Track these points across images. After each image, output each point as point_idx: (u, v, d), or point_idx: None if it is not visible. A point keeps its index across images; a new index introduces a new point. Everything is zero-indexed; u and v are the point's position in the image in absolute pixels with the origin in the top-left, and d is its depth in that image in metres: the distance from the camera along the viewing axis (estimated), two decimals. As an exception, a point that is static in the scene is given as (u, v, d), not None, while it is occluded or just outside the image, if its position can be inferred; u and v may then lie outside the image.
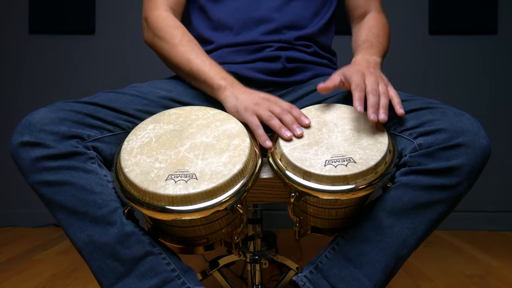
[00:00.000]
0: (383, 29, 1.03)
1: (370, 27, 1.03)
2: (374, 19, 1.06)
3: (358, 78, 0.78)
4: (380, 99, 0.76)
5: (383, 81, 0.80)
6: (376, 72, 0.82)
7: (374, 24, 1.04)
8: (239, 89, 0.85)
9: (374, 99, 0.75)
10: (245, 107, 0.81)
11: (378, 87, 0.77)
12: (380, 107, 0.75)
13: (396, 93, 0.78)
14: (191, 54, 0.91)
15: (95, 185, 0.73)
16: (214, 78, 0.87)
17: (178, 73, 0.97)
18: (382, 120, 0.74)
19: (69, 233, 0.74)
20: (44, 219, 2.18)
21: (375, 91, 0.76)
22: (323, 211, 0.80)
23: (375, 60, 0.90)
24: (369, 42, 0.97)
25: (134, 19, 2.24)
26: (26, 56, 2.30)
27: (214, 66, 0.89)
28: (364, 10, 1.08)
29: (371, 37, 0.99)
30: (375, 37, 0.99)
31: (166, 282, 0.74)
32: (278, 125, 0.78)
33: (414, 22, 2.24)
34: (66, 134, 0.73)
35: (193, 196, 0.67)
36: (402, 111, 0.75)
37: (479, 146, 0.71)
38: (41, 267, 1.61)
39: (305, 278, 0.80)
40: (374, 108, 0.74)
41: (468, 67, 2.26)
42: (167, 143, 0.76)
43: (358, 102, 0.75)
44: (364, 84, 0.77)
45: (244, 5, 0.98)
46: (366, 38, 1.00)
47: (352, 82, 0.78)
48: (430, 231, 0.76)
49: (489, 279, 1.49)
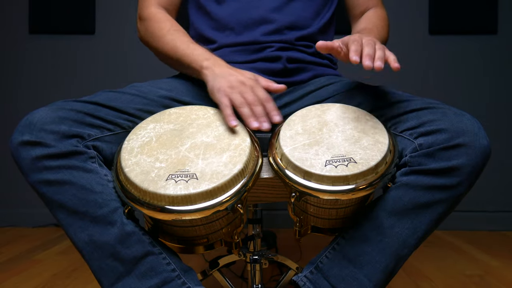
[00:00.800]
0: (382, 20, 1.04)
1: (369, 18, 1.05)
2: (373, 12, 1.07)
3: (355, 37, 0.78)
4: (376, 52, 0.73)
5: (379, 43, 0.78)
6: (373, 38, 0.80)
7: (373, 15, 1.05)
8: (219, 70, 0.84)
9: (370, 50, 0.73)
10: (218, 88, 0.81)
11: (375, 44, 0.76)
12: (376, 57, 0.72)
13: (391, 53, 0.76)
14: (176, 42, 0.92)
15: (95, 184, 0.73)
16: (197, 60, 0.87)
17: (169, 63, 0.98)
18: (377, 66, 0.71)
19: (70, 233, 0.74)
20: (44, 219, 2.18)
21: (371, 45, 0.74)
22: (324, 211, 0.80)
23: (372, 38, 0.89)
24: (367, 30, 0.98)
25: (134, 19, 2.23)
26: (26, 56, 2.30)
27: (198, 49, 0.90)
28: (364, 7, 1.09)
29: (370, 26, 1.00)
30: (374, 26, 1.00)
31: (166, 282, 0.74)
32: (247, 113, 0.78)
33: (414, 22, 2.24)
34: (66, 133, 0.73)
35: (194, 196, 0.67)
36: (398, 65, 0.72)
37: (479, 146, 0.71)
38: (41, 267, 1.61)
39: (305, 278, 0.80)
40: (369, 56, 0.72)
41: (468, 67, 2.26)
42: (167, 142, 0.76)
43: (354, 53, 0.73)
44: (361, 40, 0.76)
45: (245, 5, 0.98)
46: (365, 27, 1.01)
47: (349, 39, 0.77)
48: (430, 231, 0.76)
49: (489, 279, 1.49)
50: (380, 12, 1.08)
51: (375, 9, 1.08)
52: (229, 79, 0.82)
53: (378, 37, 0.94)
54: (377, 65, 0.71)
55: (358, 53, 0.73)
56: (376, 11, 1.08)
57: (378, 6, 1.09)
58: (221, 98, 0.80)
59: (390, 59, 0.73)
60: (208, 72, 0.85)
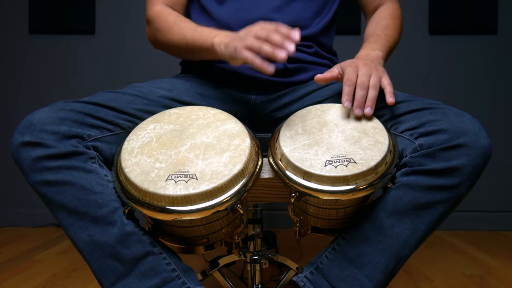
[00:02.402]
0: (393, 19, 1.03)
1: (379, 20, 1.04)
2: (385, 10, 1.06)
3: (350, 71, 0.80)
4: (368, 92, 0.78)
5: (376, 72, 0.80)
6: (372, 64, 0.82)
7: (384, 16, 1.04)
8: (228, 38, 0.82)
9: (361, 93, 0.78)
10: (235, 48, 0.78)
11: (369, 79, 0.78)
12: (366, 101, 0.78)
13: (389, 83, 0.79)
14: (183, 30, 0.92)
15: (95, 185, 0.73)
16: (206, 39, 0.86)
17: (181, 55, 0.98)
18: (367, 113, 0.77)
19: (70, 233, 0.74)
20: (44, 219, 2.18)
21: (363, 85, 0.78)
22: (324, 211, 0.79)
23: (377, 54, 0.90)
24: (375, 36, 0.98)
25: (134, 19, 2.24)
26: (26, 56, 2.30)
27: (205, 30, 0.88)
28: (377, 3, 1.08)
29: (378, 31, 0.99)
30: (382, 29, 0.99)
31: (166, 282, 0.74)
32: (270, 50, 0.73)
33: (414, 22, 2.24)
34: (66, 134, 0.73)
35: (194, 196, 0.67)
36: (392, 100, 0.77)
37: (480, 147, 0.71)
38: (41, 267, 1.61)
39: (305, 279, 0.80)
40: (359, 102, 0.78)
41: (468, 67, 2.26)
42: (167, 143, 0.76)
43: (346, 97, 0.78)
44: (356, 78, 0.79)
45: (245, 5, 0.98)
46: (373, 32, 1.00)
47: (344, 76, 0.80)
48: (431, 231, 0.76)
49: (489, 279, 1.48)
50: (392, 8, 1.06)
51: (388, 4, 1.07)
52: (237, 36, 0.79)
53: (386, 43, 0.95)
54: (366, 112, 0.78)
55: (350, 97, 0.78)
56: (388, 8, 1.06)
57: (391, 1, 1.08)
58: (242, 54, 0.76)
59: (386, 91, 0.78)
60: (220, 45, 0.82)
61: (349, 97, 0.78)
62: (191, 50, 0.91)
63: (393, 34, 1.00)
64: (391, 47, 0.97)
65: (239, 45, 0.77)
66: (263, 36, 0.75)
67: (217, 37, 0.84)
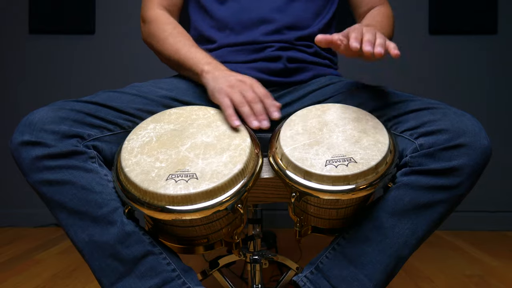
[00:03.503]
0: (387, 18, 1.03)
1: (373, 17, 1.04)
2: (378, 10, 1.07)
3: (355, 26, 0.78)
4: (376, 39, 0.73)
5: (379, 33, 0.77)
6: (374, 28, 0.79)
7: (377, 14, 1.05)
8: (219, 73, 0.85)
9: (370, 37, 0.72)
10: (219, 89, 0.82)
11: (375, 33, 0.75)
12: (376, 43, 0.71)
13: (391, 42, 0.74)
14: (178, 45, 0.93)
15: (95, 184, 0.73)
16: (198, 64, 0.89)
17: (170, 65, 0.99)
18: (377, 52, 0.70)
19: (70, 233, 0.74)
20: (44, 219, 2.18)
21: (371, 33, 0.74)
22: (324, 211, 0.79)
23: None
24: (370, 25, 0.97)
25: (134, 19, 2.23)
26: (26, 56, 2.30)
27: (199, 53, 0.91)
28: (369, 6, 1.08)
29: (373, 23, 0.99)
30: (377, 23, 1.00)
31: (166, 282, 0.74)
32: (247, 112, 0.79)
33: (414, 22, 2.24)
34: (66, 133, 0.73)
35: (194, 196, 0.67)
36: (397, 52, 0.71)
37: (480, 147, 0.71)
38: (41, 267, 1.61)
39: (305, 279, 0.79)
40: (369, 42, 0.71)
41: (468, 67, 2.26)
42: (167, 142, 0.76)
43: (354, 40, 0.72)
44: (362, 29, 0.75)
45: (245, 5, 0.98)
46: (368, 23, 1.00)
47: (349, 29, 0.77)
48: (431, 231, 0.76)
49: (489, 279, 1.48)
50: (384, 10, 1.07)
51: (380, 7, 1.08)
52: (229, 79, 0.83)
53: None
54: (377, 51, 0.70)
55: (358, 40, 0.72)
56: (380, 9, 1.07)
57: (383, 4, 1.08)
58: (222, 98, 0.81)
59: (390, 47, 0.72)
60: (209, 76, 0.86)
61: (357, 40, 0.72)
62: (180, 66, 0.94)
63: (387, 31, 1.00)
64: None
65: (224, 89, 0.81)
66: (248, 98, 0.79)
67: (208, 66, 0.87)
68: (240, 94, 0.80)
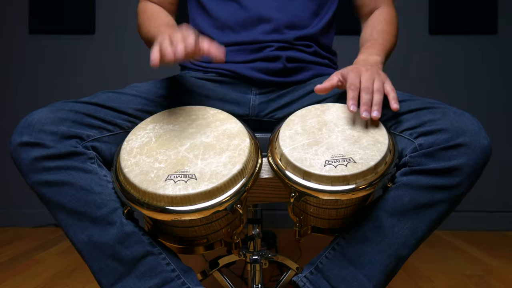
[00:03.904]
0: (390, 24, 1.03)
1: (375, 24, 1.03)
2: (381, 14, 1.05)
3: (353, 77, 0.79)
4: (374, 96, 0.76)
5: (379, 77, 0.80)
6: (373, 69, 0.82)
7: (380, 20, 1.04)
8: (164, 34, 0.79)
9: (367, 97, 0.76)
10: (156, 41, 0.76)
11: (373, 84, 0.77)
12: (373, 105, 0.76)
13: (392, 88, 0.78)
14: (150, 26, 0.96)
15: (94, 185, 0.73)
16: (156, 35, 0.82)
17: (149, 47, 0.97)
18: (374, 117, 0.75)
19: (69, 233, 0.74)
20: (44, 219, 2.18)
21: (368, 89, 0.77)
22: (323, 211, 0.79)
23: (376, 59, 0.90)
24: (372, 41, 0.97)
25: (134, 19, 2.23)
26: (26, 56, 2.30)
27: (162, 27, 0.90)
28: (372, 6, 1.07)
29: (375, 35, 0.99)
30: (379, 34, 0.99)
31: (166, 282, 0.74)
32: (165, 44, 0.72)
33: (414, 22, 2.24)
34: (65, 134, 0.73)
35: (193, 196, 0.67)
36: (397, 106, 0.75)
37: (479, 146, 0.71)
38: (41, 267, 1.61)
39: (305, 279, 0.79)
40: (366, 106, 0.75)
41: (468, 67, 2.26)
42: (166, 143, 0.76)
43: (352, 102, 0.76)
44: (359, 82, 0.78)
45: (244, 4, 0.98)
46: (370, 36, 1.00)
47: (347, 81, 0.79)
48: (431, 231, 0.76)
49: (489, 279, 1.48)
50: (387, 12, 1.06)
51: (383, 8, 1.06)
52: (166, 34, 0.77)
53: (382, 49, 0.95)
54: (374, 116, 0.75)
55: (355, 101, 0.76)
56: (383, 11, 1.06)
57: (386, 5, 1.07)
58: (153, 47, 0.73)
59: (389, 97, 0.77)
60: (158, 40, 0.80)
61: (354, 101, 0.76)
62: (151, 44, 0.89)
63: (390, 38, 0.99)
64: (388, 51, 0.97)
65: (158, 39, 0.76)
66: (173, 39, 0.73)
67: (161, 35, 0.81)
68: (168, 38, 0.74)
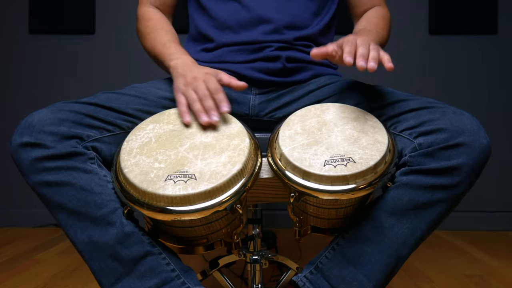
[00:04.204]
0: (383, 20, 1.03)
1: (369, 18, 1.04)
2: (376, 11, 1.06)
3: (349, 37, 0.78)
4: (370, 52, 0.73)
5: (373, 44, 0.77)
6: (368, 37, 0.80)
7: (374, 15, 1.04)
8: (182, 69, 0.87)
9: (364, 51, 0.73)
10: (176, 87, 0.85)
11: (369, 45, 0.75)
12: (369, 58, 0.71)
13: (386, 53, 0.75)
14: (156, 40, 0.97)
15: (94, 185, 0.73)
16: (167, 59, 0.92)
17: (153, 60, 1.00)
18: (371, 67, 0.70)
19: (69, 234, 0.74)
20: (44, 219, 2.18)
21: (365, 46, 0.74)
22: (323, 211, 0.79)
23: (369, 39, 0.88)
24: (366, 30, 0.97)
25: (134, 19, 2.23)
26: (26, 56, 2.30)
27: (172, 48, 0.93)
28: (366, 6, 1.08)
29: (369, 26, 0.99)
30: (373, 26, 0.99)
31: (166, 282, 0.74)
32: (197, 109, 0.80)
33: (414, 22, 2.24)
34: (65, 135, 0.73)
35: (193, 196, 0.67)
36: (391, 65, 0.71)
37: (479, 146, 0.71)
38: (41, 267, 1.61)
39: (305, 278, 0.80)
40: (363, 57, 0.71)
41: (468, 67, 2.26)
42: (166, 143, 0.76)
43: (348, 54, 0.72)
44: (356, 41, 0.75)
45: (244, 4, 0.98)
46: (364, 27, 1.00)
47: (344, 41, 0.77)
48: (430, 231, 0.76)
49: (489, 279, 1.48)
50: (381, 11, 1.06)
51: (377, 8, 1.07)
52: (185, 76, 0.85)
53: (377, 38, 0.94)
54: (370, 66, 0.70)
55: (352, 54, 0.73)
56: (377, 10, 1.06)
57: (380, 5, 1.08)
58: (178, 97, 0.83)
59: (384, 59, 0.73)
60: (173, 71, 0.89)
61: (351, 54, 0.73)
62: (157, 61, 0.97)
63: (383, 33, 0.99)
64: (381, 44, 0.96)
65: (180, 87, 0.84)
66: (199, 95, 0.81)
67: (175, 61, 0.90)
68: (193, 91, 0.82)
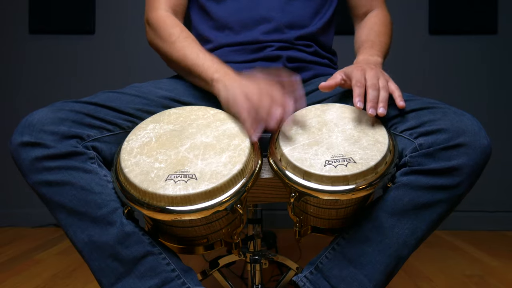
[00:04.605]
0: (385, 26, 1.04)
1: (371, 26, 1.04)
2: (376, 16, 1.07)
3: (358, 74, 0.79)
4: (380, 93, 0.77)
5: (383, 75, 0.80)
6: (377, 68, 0.82)
7: (375, 22, 1.05)
8: (230, 81, 0.81)
9: (374, 94, 0.76)
10: (234, 96, 0.79)
11: (378, 81, 0.78)
12: (379, 101, 0.76)
13: (397, 87, 0.79)
14: (186, 50, 0.90)
15: (95, 185, 0.73)
16: (207, 71, 0.85)
17: (178, 71, 0.97)
18: (380, 113, 0.75)
19: (69, 233, 0.74)
20: (44, 219, 2.18)
21: (374, 86, 0.77)
22: (323, 211, 0.79)
23: (376, 60, 0.91)
24: (370, 42, 0.98)
25: (134, 19, 2.24)
26: (26, 56, 2.30)
27: (208, 60, 0.87)
28: (366, 8, 1.08)
29: (372, 36, 1.00)
30: (376, 35, 1.00)
31: (166, 282, 0.74)
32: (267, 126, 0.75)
33: (414, 22, 2.24)
34: (66, 134, 0.73)
35: (193, 196, 0.67)
36: (403, 104, 0.76)
37: (479, 146, 0.71)
38: (41, 267, 1.61)
39: (305, 279, 0.80)
40: (373, 102, 0.75)
41: (468, 67, 2.26)
42: (167, 143, 0.76)
43: (358, 98, 0.76)
44: (364, 80, 0.78)
45: (244, 4, 0.98)
46: (367, 37, 1.00)
47: (353, 78, 0.79)
48: (431, 231, 0.76)
49: (489, 279, 1.48)
50: (382, 15, 1.07)
51: (378, 11, 1.08)
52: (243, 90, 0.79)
53: (380, 49, 0.96)
54: (380, 112, 0.75)
55: (362, 97, 0.77)
56: (378, 14, 1.07)
57: (380, 7, 1.09)
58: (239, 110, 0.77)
59: (395, 95, 0.77)
60: (219, 85, 0.82)
61: (361, 97, 0.76)
62: (188, 72, 0.91)
63: (386, 40, 1.01)
64: (385, 53, 0.99)
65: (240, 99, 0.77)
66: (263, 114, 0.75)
67: (217, 74, 0.84)
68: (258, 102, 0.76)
